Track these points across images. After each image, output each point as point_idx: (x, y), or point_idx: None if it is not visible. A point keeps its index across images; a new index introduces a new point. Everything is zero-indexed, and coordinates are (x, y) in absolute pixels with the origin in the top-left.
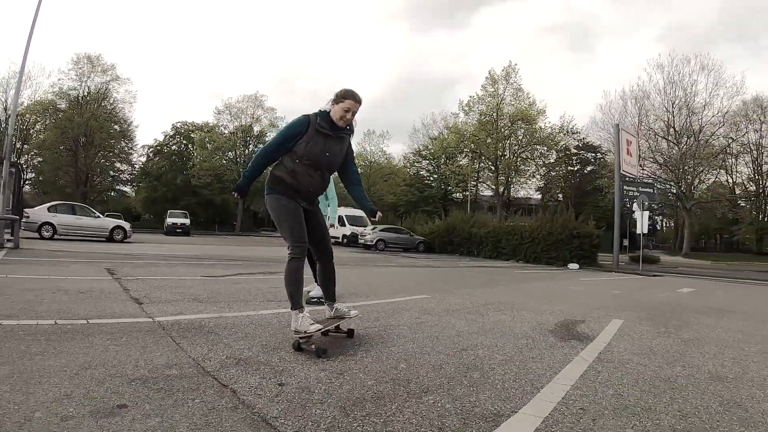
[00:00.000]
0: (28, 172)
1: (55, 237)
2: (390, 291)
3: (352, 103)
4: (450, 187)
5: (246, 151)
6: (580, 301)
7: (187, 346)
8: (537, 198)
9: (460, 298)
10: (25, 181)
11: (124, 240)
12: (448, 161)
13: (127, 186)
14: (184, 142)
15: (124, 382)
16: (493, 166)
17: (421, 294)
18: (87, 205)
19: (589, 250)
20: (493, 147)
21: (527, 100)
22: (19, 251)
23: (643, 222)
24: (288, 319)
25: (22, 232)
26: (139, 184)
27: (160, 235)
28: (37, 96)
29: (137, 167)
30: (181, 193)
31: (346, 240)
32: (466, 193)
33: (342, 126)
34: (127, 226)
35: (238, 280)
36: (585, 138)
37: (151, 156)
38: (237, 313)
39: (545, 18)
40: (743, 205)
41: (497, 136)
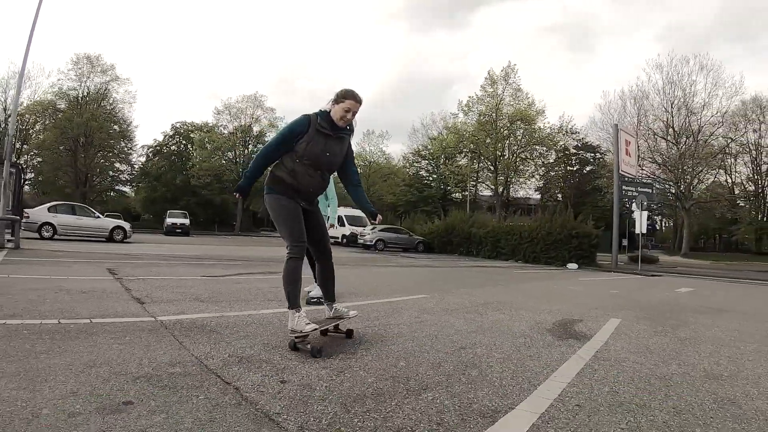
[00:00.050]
0: (28, 172)
1: (55, 237)
2: (389, 291)
3: (352, 103)
4: (449, 187)
5: (245, 151)
6: (578, 300)
7: (190, 344)
8: (536, 198)
9: (459, 298)
10: (25, 182)
11: (124, 240)
12: (447, 161)
13: (126, 186)
14: (184, 142)
15: (129, 379)
16: (492, 166)
17: (421, 294)
18: (87, 206)
19: (588, 250)
20: (492, 147)
21: (526, 101)
22: (20, 251)
23: (641, 222)
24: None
25: (22, 233)
26: (139, 184)
27: (160, 235)
28: (36, 96)
29: (137, 167)
30: (181, 193)
31: (345, 240)
32: (465, 193)
33: (342, 126)
34: (127, 226)
35: (239, 279)
36: (584, 138)
37: (151, 156)
38: (238, 313)
39: (545, 18)
40: (742, 205)
41: (496, 136)
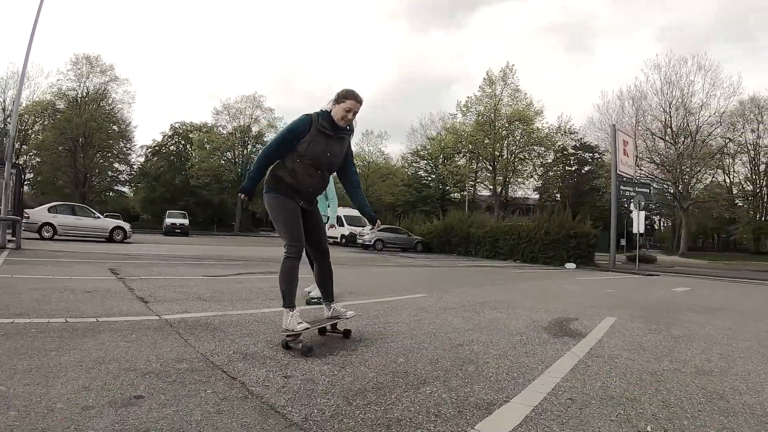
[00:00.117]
0: (27, 172)
1: (55, 237)
2: (388, 290)
3: (353, 103)
4: (448, 187)
5: (244, 151)
6: (574, 300)
7: (195, 342)
8: (535, 198)
9: (457, 297)
10: (24, 182)
11: (124, 240)
12: (446, 161)
13: (125, 186)
14: (183, 143)
15: (138, 375)
16: (490, 166)
17: (419, 293)
18: (86, 206)
19: (586, 250)
20: (490, 147)
21: (525, 101)
22: (22, 252)
23: (639, 222)
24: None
25: (22, 233)
26: (138, 184)
27: (159, 235)
28: (35, 96)
29: (135, 168)
30: (180, 193)
31: (344, 240)
32: (463, 193)
33: (343, 126)
34: (126, 226)
35: (240, 279)
36: (582, 138)
37: (150, 156)
38: (240, 312)
39: (544, 18)
40: (740, 204)
41: (495, 136)
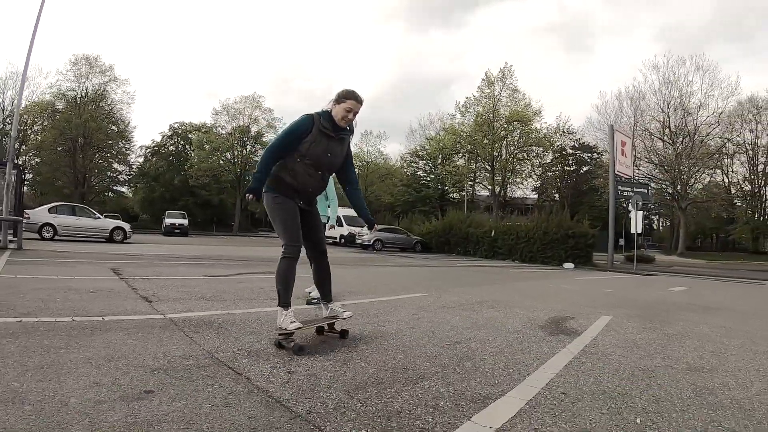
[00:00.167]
0: (26, 172)
1: (55, 238)
2: (388, 289)
3: (353, 103)
4: (447, 188)
5: (243, 151)
6: (571, 299)
7: (200, 340)
8: (533, 198)
9: (456, 296)
10: (24, 182)
11: (124, 241)
12: (444, 161)
13: (124, 186)
14: (182, 143)
15: (147, 371)
16: (489, 166)
17: (418, 292)
18: (87, 206)
19: (584, 250)
20: (489, 148)
21: (523, 101)
22: (23, 252)
23: (637, 222)
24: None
25: (22, 233)
26: (137, 184)
27: (158, 235)
28: (34, 97)
29: (135, 168)
30: (179, 193)
31: (343, 240)
32: (462, 193)
33: (343, 126)
34: (127, 226)
35: (240, 279)
36: (581, 138)
37: (149, 156)
38: (243, 311)
39: (542, 18)
40: (739, 204)
41: (493, 137)
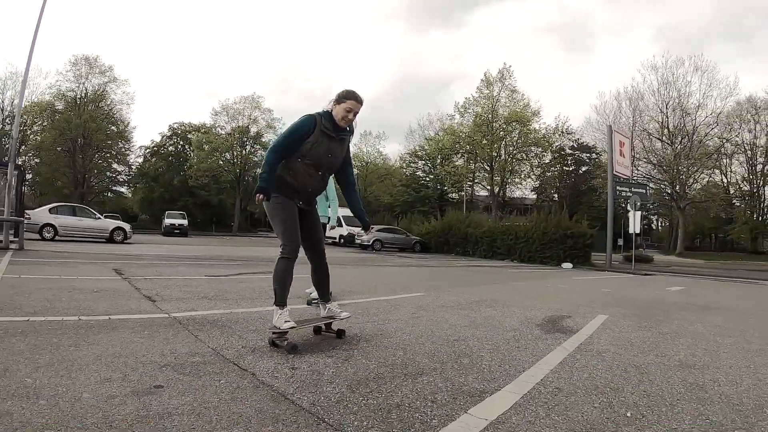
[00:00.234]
0: (26, 173)
1: (56, 238)
2: (387, 289)
3: (354, 103)
4: (446, 188)
5: (243, 152)
6: (569, 298)
7: (205, 338)
8: (532, 198)
9: (455, 296)
10: (25, 183)
11: (124, 241)
12: (443, 162)
13: (123, 187)
14: (181, 143)
15: (155, 368)
16: (488, 166)
17: (417, 292)
18: (87, 207)
19: (583, 250)
20: (488, 148)
21: (522, 102)
22: (25, 252)
23: (635, 222)
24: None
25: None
26: (136, 185)
27: (158, 235)
28: (33, 97)
29: (134, 168)
30: (178, 193)
31: (343, 240)
32: (461, 193)
33: (343, 126)
34: (127, 227)
35: (241, 279)
36: (580, 138)
37: (148, 157)
38: (245, 310)
39: (542, 18)
40: (738, 204)
41: (492, 137)
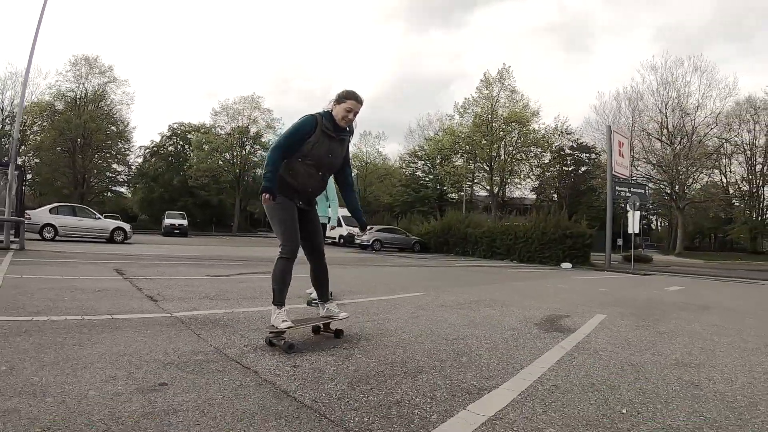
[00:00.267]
0: (26, 173)
1: (56, 238)
2: (387, 289)
3: (354, 103)
4: (445, 188)
5: (243, 152)
6: (568, 298)
7: (207, 336)
8: (532, 198)
9: (454, 296)
10: (25, 183)
11: (125, 241)
12: (443, 162)
13: (123, 187)
14: (181, 143)
15: (159, 366)
16: (487, 166)
17: (417, 291)
18: (87, 207)
19: (582, 250)
20: (487, 148)
21: (521, 102)
22: (26, 253)
23: (634, 222)
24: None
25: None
26: (136, 185)
27: (158, 235)
28: (33, 97)
29: (134, 168)
30: (178, 194)
31: (342, 240)
32: (461, 193)
33: (344, 126)
34: (127, 227)
35: (242, 279)
36: (579, 138)
37: (148, 157)
38: (247, 309)
39: (542, 18)
40: (737, 204)
41: (492, 137)
